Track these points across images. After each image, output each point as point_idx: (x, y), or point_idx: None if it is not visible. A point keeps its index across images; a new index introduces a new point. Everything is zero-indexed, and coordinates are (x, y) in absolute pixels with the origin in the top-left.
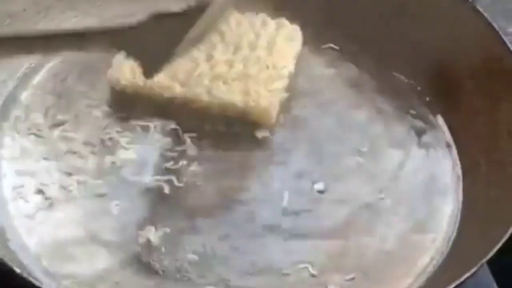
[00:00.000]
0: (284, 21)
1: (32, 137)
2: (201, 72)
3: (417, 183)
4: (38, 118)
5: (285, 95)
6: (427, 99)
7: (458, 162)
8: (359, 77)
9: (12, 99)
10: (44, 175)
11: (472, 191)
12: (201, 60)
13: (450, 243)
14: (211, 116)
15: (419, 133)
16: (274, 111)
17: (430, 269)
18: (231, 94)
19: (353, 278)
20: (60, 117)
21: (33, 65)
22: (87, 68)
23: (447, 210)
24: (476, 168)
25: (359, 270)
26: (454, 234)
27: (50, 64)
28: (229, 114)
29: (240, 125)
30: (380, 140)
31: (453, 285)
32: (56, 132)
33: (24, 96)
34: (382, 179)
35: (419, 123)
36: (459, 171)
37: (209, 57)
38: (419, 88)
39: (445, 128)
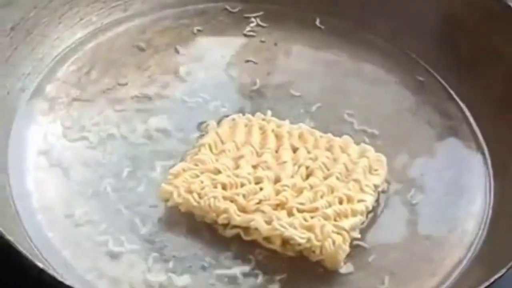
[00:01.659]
0: (368, 148)
1: (58, 130)
2: (264, 197)
3: (444, 180)
4: (62, 110)
5: (357, 235)
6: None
7: (488, 160)
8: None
9: (37, 92)
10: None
11: (502, 189)
12: (267, 181)
13: (479, 243)
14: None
15: (447, 129)
16: (341, 255)
17: (458, 269)
18: (294, 229)
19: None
20: (83, 109)
21: (57, 58)
22: (111, 61)
23: (476, 208)
24: (506, 166)
25: (386, 269)
26: (483, 233)
27: (75, 57)
28: (287, 252)
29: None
30: (406, 137)
31: (482, 286)
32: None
33: (49, 89)
34: (408, 176)
35: (447, 121)
36: (489, 169)
37: (277, 179)
38: (443, 81)
39: (474, 126)
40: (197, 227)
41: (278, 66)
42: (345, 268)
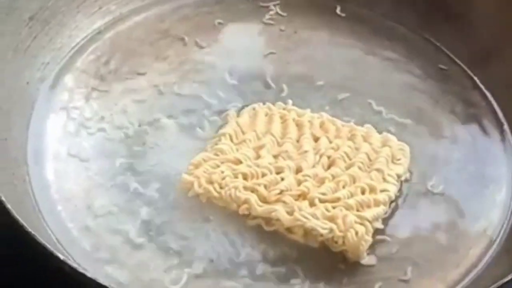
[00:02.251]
0: (391, 137)
1: (77, 120)
2: (286, 187)
3: (468, 170)
4: (81, 100)
5: (380, 226)
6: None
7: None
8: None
9: (56, 82)
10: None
11: None
12: (288, 171)
13: (504, 233)
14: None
15: (471, 118)
16: (363, 246)
17: (483, 260)
18: (316, 219)
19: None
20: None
21: (76, 47)
22: (130, 51)
23: (500, 199)
24: None
25: (409, 260)
26: (508, 224)
27: (94, 46)
28: (309, 243)
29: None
30: (429, 126)
31: (507, 278)
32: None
33: (68, 79)
34: (430, 166)
35: (471, 109)
36: None
37: (298, 169)
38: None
39: (500, 114)
40: (216, 217)
41: (298, 55)
42: (368, 259)
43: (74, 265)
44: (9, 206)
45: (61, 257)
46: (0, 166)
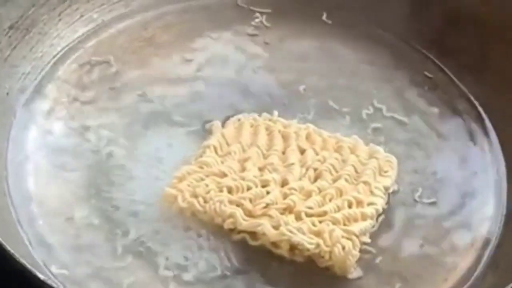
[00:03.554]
0: (378, 149)
1: (59, 131)
2: (272, 201)
3: (456, 181)
4: (62, 110)
5: (367, 240)
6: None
7: (501, 161)
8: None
9: (37, 92)
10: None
11: None
12: (274, 184)
13: (493, 247)
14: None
15: (459, 128)
16: (350, 260)
17: (472, 274)
18: (302, 234)
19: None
20: (85, 109)
21: (58, 56)
22: (114, 59)
23: (489, 211)
24: None
25: (397, 275)
26: (497, 237)
27: (76, 55)
28: (295, 257)
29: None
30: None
31: None
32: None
33: (49, 89)
34: (419, 177)
35: (459, 119)
36: (502, 170)
37: (284, 182)
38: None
39: (488, 124)
40: (199, 228)
41: (284, 63)
42: (355, 273)
43: (54, 285)
44: None
45: (42, 277)
46: None
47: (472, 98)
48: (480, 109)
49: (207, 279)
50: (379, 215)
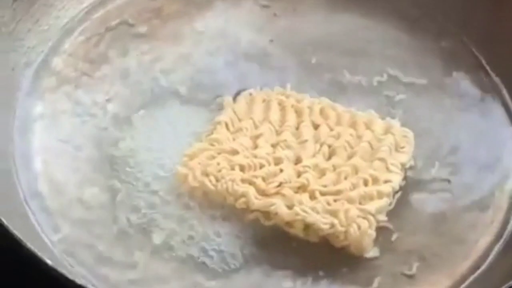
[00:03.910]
0: (394, 123)
1: (66, 107)
2: (285, 179)
3: (475, 155)
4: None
5: (384, 218)
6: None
7: None
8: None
9: (43, 66)
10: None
11: None
12: (287, 162)
13: None
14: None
15: (477, 101)
16: (366, 240)
17: (493, 251)
18: (316, 213)
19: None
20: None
21: (64, 29)
22: (121, 31)
23: (508, 186)
24: None
25: (415, 253)
26: None
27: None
28: (309, 237)
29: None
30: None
31: None
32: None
33: (56, 62)
34: (437, 152)
35: (477, 90)
36: None
37: (298, 159)
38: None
39: (507, 97)
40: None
41: (296, 34)
42: (371, 252)
43: (63, 271)
44: None
45: (50, 263)
46: None
47: (488, 68)
48: (497, 79)
49: (219, 259)
50: (395, 192)
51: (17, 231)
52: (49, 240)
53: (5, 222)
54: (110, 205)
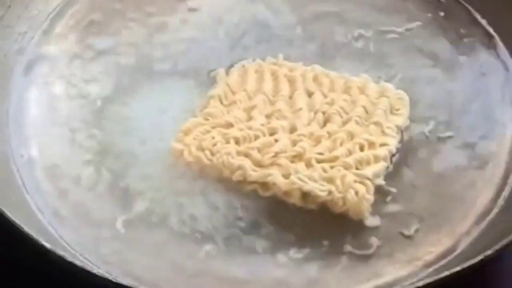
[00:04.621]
0: (388, 86)
1: (60, 91)
2: (281, 149)
3: (473, 112)
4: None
5: (382, 182)
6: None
7: None
8: None
9: (35, 52)
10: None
11: None
12: (282, 131)
13: None
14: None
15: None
16: (365, 205)
17: (493, 209)
18: (313, 181)
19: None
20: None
21: (54, 13)
22: (112, 11)
23: (508, 141)
24: None
25: (414, 215)
26: None
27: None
28: (308, 205)
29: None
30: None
31: None
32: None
33: (48, 47)
34: (432, 111)
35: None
36: None
37: (292, 128)
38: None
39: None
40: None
41: (285, 4)
42: (370, 216)
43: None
44: None
45: (48, 246)
46: None
47: (485, 23)
48: (498, 38)
49: (219, 233)
50: (393, 155)
51: (15, 216)
52: (48, 223)
53: (2, 208)
54: (107, 185)
